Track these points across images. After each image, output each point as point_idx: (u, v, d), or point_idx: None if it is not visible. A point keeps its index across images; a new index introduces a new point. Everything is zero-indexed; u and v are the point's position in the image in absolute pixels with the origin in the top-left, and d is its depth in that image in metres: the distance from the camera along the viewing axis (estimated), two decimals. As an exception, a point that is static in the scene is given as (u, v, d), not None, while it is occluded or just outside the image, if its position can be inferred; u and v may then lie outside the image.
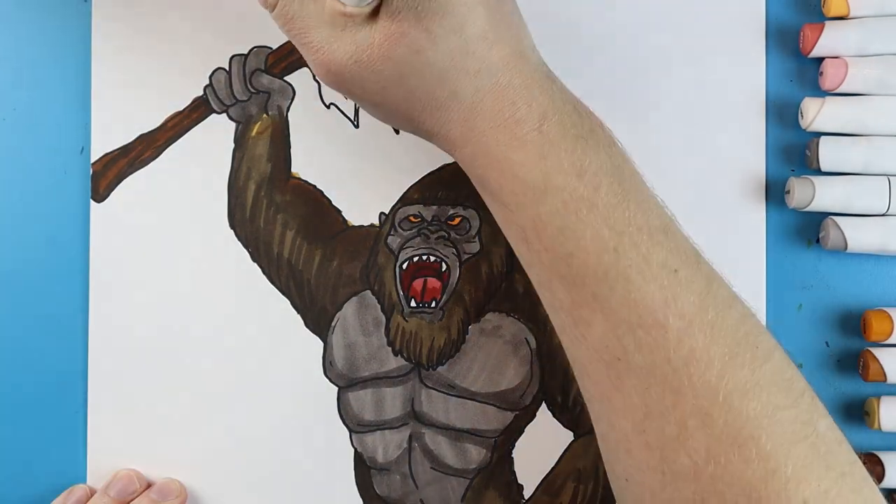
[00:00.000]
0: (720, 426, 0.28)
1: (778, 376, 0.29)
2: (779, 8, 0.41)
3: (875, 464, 0.40)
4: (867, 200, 0.39)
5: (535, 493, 0.42)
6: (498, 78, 0.31)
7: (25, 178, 0.42)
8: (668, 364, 0.29)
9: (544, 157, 0.30)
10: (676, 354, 0.29)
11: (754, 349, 0.29)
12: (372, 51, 0.30)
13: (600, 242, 0.30)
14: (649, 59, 0.42)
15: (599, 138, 0.31)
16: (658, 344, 0.29)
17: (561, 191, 0.30)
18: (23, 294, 0.42)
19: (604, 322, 0.30)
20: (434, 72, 0.30)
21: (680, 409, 0.29)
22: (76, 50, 0.42)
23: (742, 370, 0.29)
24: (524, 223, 0.31)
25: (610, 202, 0.30)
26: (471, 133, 0.31)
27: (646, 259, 0.30)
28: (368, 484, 0.42)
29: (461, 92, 0.31)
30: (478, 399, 0.42)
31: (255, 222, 0.42)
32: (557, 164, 0.30)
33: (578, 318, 0.31)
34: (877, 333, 0.40)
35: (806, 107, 0.40)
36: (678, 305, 0.29)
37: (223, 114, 0.42)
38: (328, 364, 0.42)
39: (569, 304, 0.31)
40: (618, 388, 0.30)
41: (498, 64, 0.31)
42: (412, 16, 0.29)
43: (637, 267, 0.29)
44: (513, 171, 0.31)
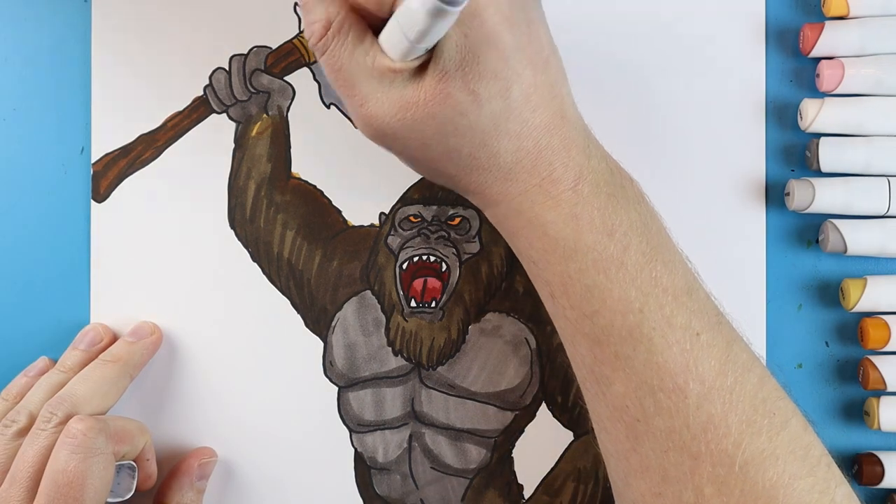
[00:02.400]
0: (736, 496, 0.29)
1: (795, 444, 0.29)
2: (779, 8, 0.41)
3: (875, 464, 0.40)
4: (867, 202, 0.39)
5: (535, 492, 0.42)
6: (538, 140, 0.30)
7: (26, 179, 0.42)
8: (687, 430, 0.29)
9: (576, 217, 0.30)
10: (695, 420, 0.29)
11: (771, 416, 0.29)
12: (417, 109, 0.30)
13: (626, 303, 0.30)
14: (649, 60, 0.42)
15: (629, 195, 0.31)
16: (678, 409, 0.29)
17: (591, 250, 0.30)
18: (23, 294, 0.42)
19: (625, 382, 0.30)
20: (476, 133, 0.30)
21: (697, 475, 0.29)
22: (76, 50, 0.42)
23: (759, 438, 0.29)
24: (551, 280, 0.31)
25: (638, 262, 0.30)
26: (506, 192, 0.31)
27: (669, 322, 0.30)
28: (368, 484, 0.42)
29: (501, 153, 0.31)
30: (478, 399, 0.42)
31: (255, 222, 0.42)
32: (589, 223, 0.30)
33: (600, 376, 0.31)
34: (874, 341, 0.40)
35: (805, 108, 0.40)
36: (699, 370, 0.29)
37: (223, 114, 0.42)
38: (328, 364, 0.42)
39: (591, 361, 0.31)
40: (635, 450, 0.30)
41: (539, 126, 0.30)
42: (459, 77, 0.29)
43: (660, 330, 0.30)
44: (544, 229, 0.31)
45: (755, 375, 0.30)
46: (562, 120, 0.31)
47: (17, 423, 0.37)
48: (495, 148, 0.31)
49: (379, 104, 0.30)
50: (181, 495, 0.40)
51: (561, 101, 0.31)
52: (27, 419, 0.37)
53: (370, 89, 0.30)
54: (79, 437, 0.35)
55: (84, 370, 0.39)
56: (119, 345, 0.40)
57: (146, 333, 0.41)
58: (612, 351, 0.30)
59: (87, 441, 0.35)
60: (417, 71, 0.30)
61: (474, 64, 0.29)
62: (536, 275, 0.33)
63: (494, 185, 0.32)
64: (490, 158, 0.31)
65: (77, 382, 0.38)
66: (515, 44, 0.29)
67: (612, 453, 0.32)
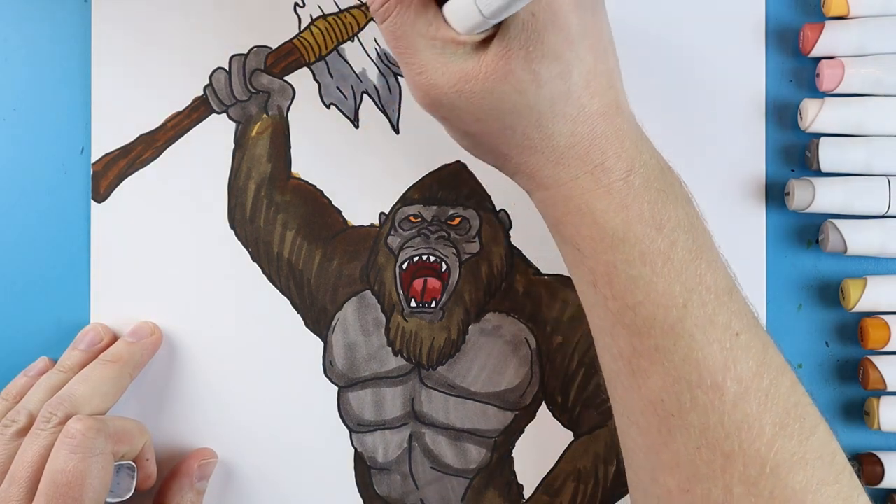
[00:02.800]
0: (766, 497, 0.29)
1: (823, 450, 0.29)
2: (779, 8, 0.41)
3: (875, 464, 0.40)
4: (867, 202, 0.39)
5: (535, 492, 0.42)
6: (594, 126, 0.31)
7: (26, 178, 0.42)
8: (722, 427, 0.29)
9: (627, 207, 0.30)
10: (730, 419, 0.29)
11: (802, 420, 0.30)
12: (476, 83, 0.30)
13: (670, 297, 0.30)
14: (649, 60, 0.42)
15: (679, 194, 0.31)
16: (714, 406, 0.29)
17: (639, 241, 0.30)
18: (23, 294, 0.42)
19: (663, 376, 0.30)
20: (533, 113, 0.30)
21: (728, 474, 0.29)
22: (76, 50, 0.42)
23: (791, 441, 0.29)
24: (596, 268, 0.31)
25: (684, 258, 0.30)
26: (557, 176, 0.31)
27: (711, 319, 0.30)
28: (368, 484, 0.42)
29: (556, 136, 0.31)
30: (478, 399, 0.42)
31: (255, 222, 0.42)
32: (639, 214, 0.30)
33: (637, 368, 0.31)
34: (874, 341, 0.40)
35: (805, 108, 0.40)
36: (737, 370, 0.29)
37: (223, 114, 0.42)
38: (328, 364, 0.42)
39: (629, 353, 0.31)
40: (667, 445, 0.30)
41: (596, 113, 0.31)
42: (522, 56, 0.29)
43: (702, 326, 0.30)
44: (593, 216, 0.31)
45: (788, 379, 0.30)
46: (617, 110, 0.31)
47: (17, 422, 0.37)
48: (550, 130, 0.31)
49: (438, 74, 0.30)
50: (181, 496, 0.40)
51: (617, 92, 0.31)
52: (27, 419, 0.37)
53: (430, 59, 0.30)
54: (78, 436, 0.35)
55: (84, 370, 0.39)
56: (119, 345, 0.40)
57: (146, 334, 0.41)
58: (652, 343, 0.30)
59: (86, 441, 0.35)
60: (480, 45, 0.30)
61: (538, 44, 0.29)
62: (580, 262, 0.32)
63: (546, 169, 0.32)
64: (544, 140, 0.31)
65: (77, 383, 0.38)
66: (581, 28, 0.29)
67: (640, 447, 0.32)
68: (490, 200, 0.42)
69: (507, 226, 0.42)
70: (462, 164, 0.42)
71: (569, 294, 0.42)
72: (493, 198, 0.42)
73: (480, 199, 0.42)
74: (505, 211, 0.42)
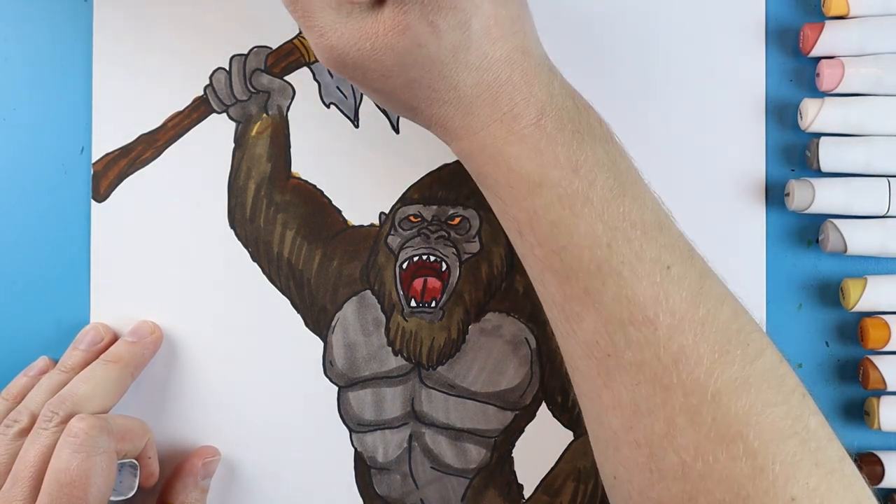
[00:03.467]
0: (708, 424, 0.28)
1: (769, 373, 0.29)
2: (779, 8, 0.41)
3: (875, 464, 0.40)
4: (867, 202, 0.39)
5: (535, 492, 0.42)
6: (498, 73, 0.31)
7: (26, 178, 0.43)
8: (658, 361, 0.29)
9: (540, 152, 0.30)
10: (666, 352, 0.29)
11: (745, 346, 0.29)
12: (375, 40, 0.30)
13: (593, 238, 0.30)
14: (649, 59, 0.42)
15: (597, 133, 0.31)
16: (648, 341, 0.29)
17: (556, 185, 0.30)
18: (23, 294, 0.42)
19: (595, 318, 0.30)
20: (435, 65, 0.31)
21: (669, 406, 0.29)
22: (77, 50, 0.42)
23: (732, 367, 0.29)
24: (518, 216, 0.31)
25: (605, 197, 0.30)
26: (469, 126, 0.32)
27: (638, 255, 0.30)
28: (368, 484, 0.42)
29: (461, 85, 0.31)
30: (478, 399, 0.42)
31: (255, 222, 0.42)
32: (553, 158, 0.30)
33: (570, 313, 0.31)
34: (874, 341, 0.40)
35: (805, 108, 0.40)
36: (669, 302, 0.29)
37: (223, 114, 0.42)
38: (328, 364, 0.42)
39: (560, 299, 0.31)
40: (607, 385, 0.30)
41: (500, 60, 0.31)
42: (417, 9, 0.29)
43: (629, 263, 0.30)
44: (508, 164, 0.31)
45: (729, 308, 0.30)
46: (523, 55, 0.31)
47: (19, 422, 0.37)
48: (454, 80, 0.31)
49: (338, 35, 0.31)
50: (185, 494, 0.40)
51: (522, 36, 0.31)
52: (29, 419, 0.37)
53: (328, 20, 0.31)
54: (81, 435, 0.35)
55: (85, 370, 0.39)
56: (120, 345, 0.40)
57: (146, 333, 0.41)
58: (581, 287, 0.30)
59: (89, 440, 0.35)
60: (376, 2, 0.30)
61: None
62: (504, 212, 0.33)
63: (456, 119, 0.32)
64: (450, 91, 0.31)
65: (78, 382, 0.38)
66: None
67: (584, 392, 0.32)
68: (490, 200, 0.42)
69: (507, 226, 0.42)
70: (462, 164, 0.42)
71: (569, 294, 0.42)
72: (493, 198, 0.42)
73: (480, 198, 0.42)
74: (505, 211, 0.42)
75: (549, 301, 0.32)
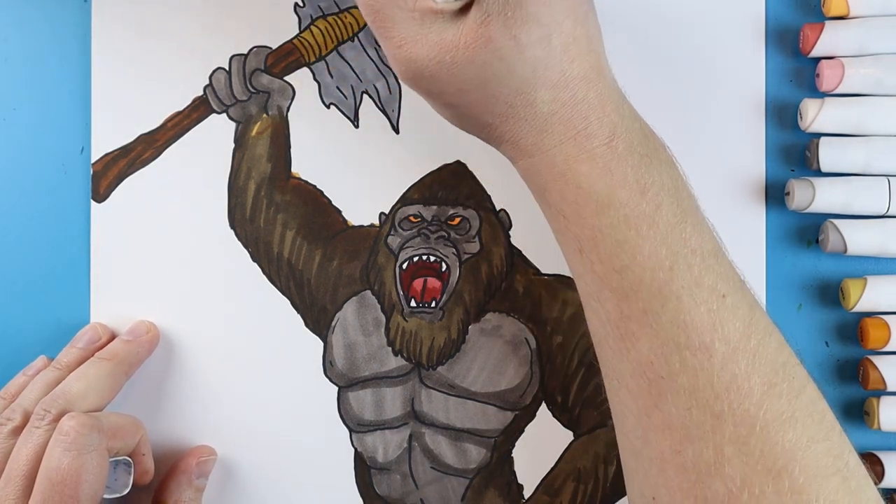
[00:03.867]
0: (756, 456, 0.29)
1: (812, 408, 0.30)
2: (779, 8, 0.41)
3: (874, 463, 0.40)
4: (867, 202, 0.39)
5: (535, 492, 0.42)
6: (575, 92, 0.30)
7: (26, 178, 0.42)
8: (711, 388, 0.29)
9: (611, 172, 0.30)
10: (719, 380, 0.29)
11: (791, 380, 0.30)
12: (456, 52, 0.30)
13: (657, 260, 0.30)
14: (649, 59, 0.42)
15: (662, 158, 0.31)
16: (703, 367, 0.29)
17: (624, 205, 0.30)
18: (23, 294, 0.42)
19: (652, 338, 0.30)
20: (515, 80, 0.30)
21: (719, 434, 0.29)
22: (76, 50, 0.42)
23: (780, 400, 0.29)
24: (581, 234, 0.31)
25: (669, 221, 0.30)
26: (541, 144, 0.31)
27: (697, 282, 0.30)
28: (368, 484, 0.42)
29: (538, 102, 0.31)
30: (478, 399, 0.42)
31: (255, 222, 0.42)
32: (623, 179, 0.30)
33: (626, 332, 0.31)
34: (874, 341, 0.40)
35: (805, 108, 0.40)
36: (724, 331, 0.29)
37: (223, 114, 0.42)
38: (328, 364, 0.42)
39: (616, 317, 0.31)
40: (658, 406, 0.30)
41: (577, 78, 0.30)
42: (501, 22, 0.29)
43: (689, 288, 0.30)
44: (577, 182, 0.31)
45: (775, 340, 0.30)
46: (598, 75, 0.31)
47: (12, 421, 0.37)
48: (532, 96, 0.30)
49: (418, 46, 0.30)
50: (179, 493, 0.40)
51: (598, 56, 0.31)
52: (22, 417, 0.37)
53: (409, 31, 0.30)
54: (72, 434, 0.35)
55: (79, 368, 0.39)
56: (115, 343, 0.40)
57: (142, 332, 0.41)
58: (640, 307, 0.30)
59: (80, 438, 0.35)
60: (458, 13, 0.30)
61: (517, 8, 0.29)
62: (565, 229, 0.32)
63: (529, 136, 0.32)
64: (527, 107, 0.31)
65: (72, 380, 0.38)
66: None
67: (631, 410, 0.32)
68: (490, 200, 0.42)
69: (507, 226, 0.42)
70: (462, 164, 0.42)
71: (569, 294, 0.42)
72: (493, 198, 0.42)
73: (480, 199, 0.42)
74: (505, 211, 0.42)
75: (604, 318, 0.32)
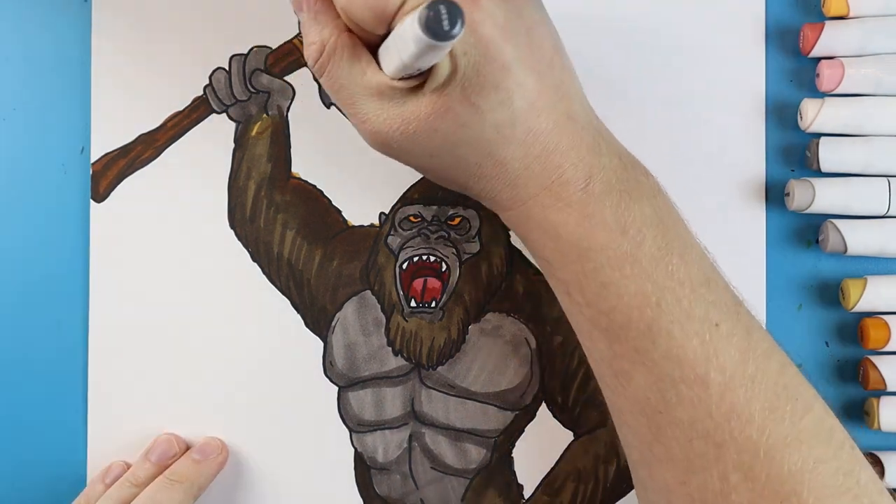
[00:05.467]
0: (762, 481, 0.29)
1: (818, 428, 0.29)
2: (779, 8, 0.41)
3: (874, 464, 0.40)
4: (867, 202, 0.39)
5: (535, 493, 0.42)
6: (546, 144, 0.30)
7: (25, 178, 0.42)
8: (711, 419, 0.29)
9: (588, 217, 0.30)
10: (718, 409, 0.29)
11: (794, 401, 0.29)
12: (418, 123, 0.30)
13: (643, 297, 0.30)
14: (649, 60, 0.42)
15: (644, 190, 0.31)
16: (700, 399, 0.29)
17: (604, 248, 0.30)
18: (23, 294, 0.42)
19: (646, 375, 0.30)
20: (481, 143, 0.30)
21: (723, 463, 0.29)
22: (76, 50, 0.42)
23: (782, 424, 0.29)
24: (567, 278, 0.31)
25: (654, 255, 0.30)
26: (517, 197, 0.31)
27: (687, 314, 0.30)
28: (368, 484, 0.42)
29: (508, 160, 0.31)
30: (478, 399, 0.42)
31: (255, 222, 0.42)
32: (602, 221, 0.30)
33: (619, 370, 0.31)
34: (874, 341, 0.40)
35: (805, 108, 0.40)
36: (719, 360, 0.29)
37: (223, 114, 0.42)
38: (328, 364, 0.42)
39: (609, 357, 0.31)
40: (658, 440, 0.30)
41: (545, 131, 0.30)
42: (458, 91, 0.29)
43: (679, 322, 0.30)
44: (556, 231, 0.31)
45: (776, 362, 0.30)
46: (568, 120, 0.31)
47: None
48: (501, 156, 0.30)
49: (380, 120, 0.30)
50: None
51: (568, 102, 0.31)
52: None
53: (370, 106, 0.30)
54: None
55: (150, 490, 0.39)
56: (185, 463, 0.40)
57: (213, 452, 0.41)
58: (630, 346, 0.30)
59: None
60: (416, 87, 0.30)
61: (474, 77, 0.29)
62: (551, 274, 0.33)
63: (504, 192, 0.32)
64: (497, 167, 0.31)
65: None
66: (515, 54, 0.29)
67: (634, 445, 0.32)
68: (490, 200, 0.42)
69: (507, 226, 0.42)
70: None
71: (569, 294, 0.42)
72: (493, 198, 0.42)
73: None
74: (505, 211, 0.42)
75: (598, 358, 0.32)
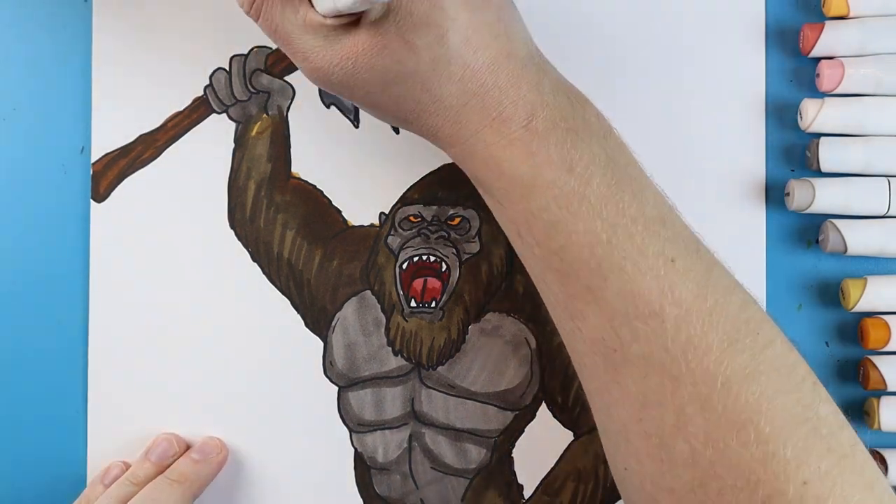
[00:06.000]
0: (719, 411, 0.28)
1: (779, 362, 0.29)
2: (779, 8, 0.41)
3: (879, 461, 0.40)
4: (867, 202, 0.39)
5: (535, 493, 0.42)
6: (483, 80, 0.31)
7: (25, 178, 0.42)
8: (666, 352, 0.29)
9: (533, 154, 0.30)
10: (674, 343, 0.29)
11: (755, 335, 0.29)
12: (356, 60, 0.30)
13: (592, 235, 0.30)
14: (649, 59, 0.42)
15: (593, 129, 0.31)
16: (655, 333, 0.29)
17: (551, 186, 0.30)
18: (23, 294, 0.42)
19: (599, 314, 0.30)
20: (417, 80, 0.31)
21: (678, 396, 0.29)
22: (76, 50, 0.42)
23: (742, 356, 0.29)
24: (516, 218, 0.31)
25: (602, 194, 0.30)
26: (458, 135, 0.32)
27: (640, 250, 0.30)
28: (368, 484, 0.42)
29: (446, 97, 0.31)
30: (478, 399, 0.42)
31: (255, 222, 0.42)
32: (546, 159, 0.30)
33: (574, 311, 0.31)
34: (874, 341, 0.40)
35: (805, 108, 0.40)
36: (675, 294, 0.29)
37: (223, 114, 0.42)
38: (328, 364, 0.42)
39: (563, 298, 0.31)
40: (615, 380, 0.30)
41: (482, 67, 0.30)
42: (392, 29, 0.30)
43: (632, 258, 0.30)
44: (500, 168, 0.31)
45: (738, 298, 0.30)
46: (507, 58, 0.31)
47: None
48: (438, 93, 0.31)
49: (319, 57, 0.31)
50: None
51: (506, 40, 0.31)
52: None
53: (308, 45, 0.31)
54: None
55: (148, 489, 0.39)
56: (184, 463, 0.40)
57: (213, 452, 0.41)
58: (582, 284, 0.30)
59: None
60: (352, 24, 0.30)
61: (406, 15, 0.29)
62: (501, 214, 0.33)
63: (444, 128, 0.32)
64: (435, 103, 0.31)
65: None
66: None
67: (592, 388, 0.32)
68: (490, 200, 0.42)
69: (507, 226, 0.42)
70: (462, 164, 0.42)
71: (569, 294, 0.42)
72: (493, 198, 0.42)
73: (480, 199, 0.42)
74: (505, 211, 0.42)
75: (552, 300, 0.32)
